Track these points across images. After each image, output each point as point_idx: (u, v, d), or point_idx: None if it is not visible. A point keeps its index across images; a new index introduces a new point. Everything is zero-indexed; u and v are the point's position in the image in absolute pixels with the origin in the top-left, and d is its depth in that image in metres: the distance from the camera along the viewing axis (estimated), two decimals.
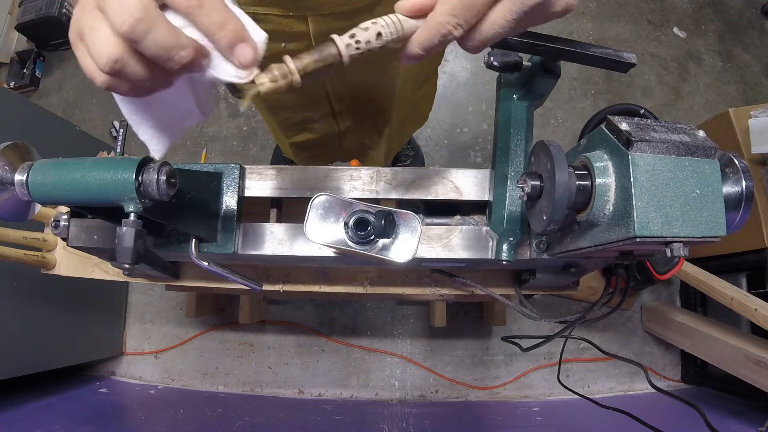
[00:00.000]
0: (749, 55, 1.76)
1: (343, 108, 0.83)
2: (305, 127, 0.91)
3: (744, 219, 0.38)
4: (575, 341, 1.45)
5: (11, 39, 1.92)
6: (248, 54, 0.32)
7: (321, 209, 0.44)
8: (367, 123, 0.91)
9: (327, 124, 0.89)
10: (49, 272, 0.71)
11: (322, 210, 0.44)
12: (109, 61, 0.29)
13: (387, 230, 0.42)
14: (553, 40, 0.43)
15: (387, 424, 1.23)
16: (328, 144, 0.97)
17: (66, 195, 0.36)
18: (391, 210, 0.43)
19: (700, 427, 0.64)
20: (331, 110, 0.83)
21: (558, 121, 1.67)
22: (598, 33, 1.76)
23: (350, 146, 0.99)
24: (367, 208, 0.43)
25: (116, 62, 0.30)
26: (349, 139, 0.95)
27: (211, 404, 1.40)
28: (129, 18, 0.28)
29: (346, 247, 0.43)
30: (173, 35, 0.29)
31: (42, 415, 1.19)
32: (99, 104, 1.82)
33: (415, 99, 0.94)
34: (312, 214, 0.44)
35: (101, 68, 0.30)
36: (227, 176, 0.51)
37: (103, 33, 0.29)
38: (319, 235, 0.44)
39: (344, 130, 0.91)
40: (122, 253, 0.36)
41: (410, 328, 1.52)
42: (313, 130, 0.91)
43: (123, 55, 0.29)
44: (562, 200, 0.36)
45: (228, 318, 1.55)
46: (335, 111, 0.83)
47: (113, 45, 0.29)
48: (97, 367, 1.57)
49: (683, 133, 0.36)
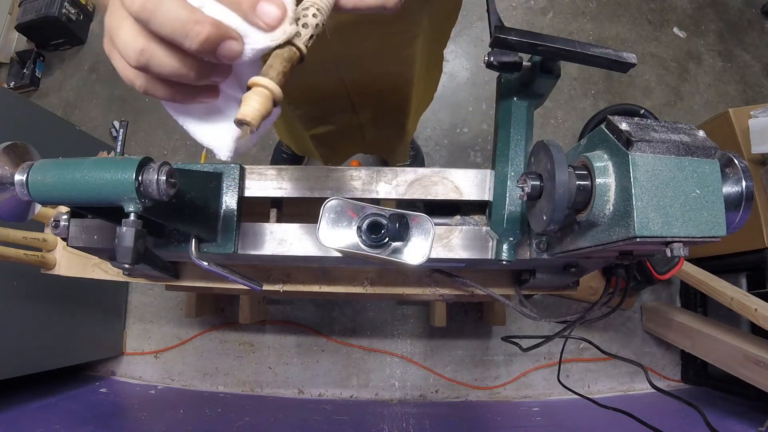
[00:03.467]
0: (749, 55, 1.76)
1: (362, 100, 0.82)
2: (325, 120, 0.90)
3: (744, 219, 0.38)
4: (575, 341, 1.45)
5: (11, 39, 1.92)
6: (272, 11, 0.29)
7: (333, 213, 0.44)
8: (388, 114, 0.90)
9: (346, 117, 0.88)
10: (49, 272, 0.71)
11: (334, 214, 0.44)
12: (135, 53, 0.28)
13: (401, 233, 0.42)
14: (553, 40, 0.43)
15: (387, 424, 1.23)
16: (349, 136, 0.96)
17: (66, 195, 0.36)
18: (404, 213, 0.43)
19: (700, 427, 0.64)
20: (350, 103, 0.82)
21: (558, 121, 1.67)
22: (598, 33, 1.76)
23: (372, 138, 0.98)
24: (380, 211, 0.43)
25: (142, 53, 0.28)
26: (370, 132, 0.95)
27: (211, 404, 1.40)
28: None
29: (359, 251, 0.43)
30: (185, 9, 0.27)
31: (42, 415, 1.19)
32: (99, 104, 1.82)
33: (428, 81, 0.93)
34: (324, 218, 0.44)
35: (131, 64, 0.29)
36: (227, 176, 0.51)
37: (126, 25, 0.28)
38: (332, 239, 0.44)
39: (364, 122, 0.91)
40: (122, 253, 0.36)
41: (410, 328, 1.52)
42: (333, 122, 0.91)
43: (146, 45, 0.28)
44: (562, 200, 0.36)
45: (228, 318, 1.55)
46: (354, 103, 0.83)
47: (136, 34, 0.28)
48: (97, 367, 1.57)
49: (683, 133, 0.36)
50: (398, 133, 0.98)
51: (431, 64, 0.88)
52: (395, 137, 1.00)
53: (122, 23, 0.28)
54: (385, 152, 1.07)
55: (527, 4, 1.80)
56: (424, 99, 1.03)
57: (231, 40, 0.29)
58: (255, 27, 0.30)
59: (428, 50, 0.79)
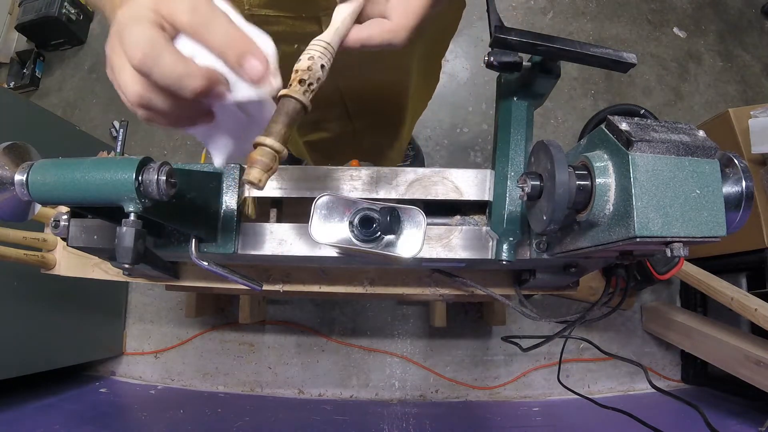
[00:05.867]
0: (749, 55, 1.76)
1: (357, 107, 0.82)
2: (319, 126, 0.90)
3: (744, 219, 0.38)
4: (575, 341, 1.45)
5: (11, 39, 1.92)
6: (256, 67, 0.32)
7: (325, 209, 0.44)
8: (383, 121, 0.90)
9: (341, 124, 0.88)
10: (49, 272, 0.71)
11: (325, 210, 0.44)
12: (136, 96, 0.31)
13: (392, 226, 0.42)
14: (553, 40, 0.43)
15: (387, 424, 1.23)
16: (343, 143, 0.96)
17: (66, 195, 0.36)
18: (395, 206, 0.43)
19: (700, 427, 0.64)
20: (345, 110, 0.82)
21: (558, 121, 1.67)
22: (598, 33, 1.76)
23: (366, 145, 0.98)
24: (371, 205, 0.44)
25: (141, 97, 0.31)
26: (365, 139, 0.95)
27: (211, 404, 1.40)
28: (137, 52, 0.30)
29: (352, 246, 0.43)
30: (181, 64, 0.30)
31: (42, 415, 1.19)
32: (99, 104, 1.82)
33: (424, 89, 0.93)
34: (316, 214, 0.44)
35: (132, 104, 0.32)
36: (227, 176, 0.51)
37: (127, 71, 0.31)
38: (324, 235, 0.44)
39: (359, 129, 0.90)
40: (122, 253, 0.36)
41: (410, 328, 1.52)
42: (327, 129, 0.91)
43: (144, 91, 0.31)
44: (562, 200, 0.36)
45: (228, 318, 1.55)
46: (349, 110, 0.83)
47: (135, 81, 0.31)
48: (97, 367, 1.57)
49: (683, 133, 0.36)
50: (392, 140, 0.98)
51: (428, 73, 0.88)
52: (389, 144, 1.00)
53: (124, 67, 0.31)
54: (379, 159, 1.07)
55: (527, 4, 1.80)
56: (420, 107, 1.03)
57: (221, 85, 0.32)
58: (241, 79, 0.32)
59: (426, 59, 0.79)
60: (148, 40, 0.30)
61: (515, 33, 0.43)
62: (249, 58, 0.31)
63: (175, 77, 0.30)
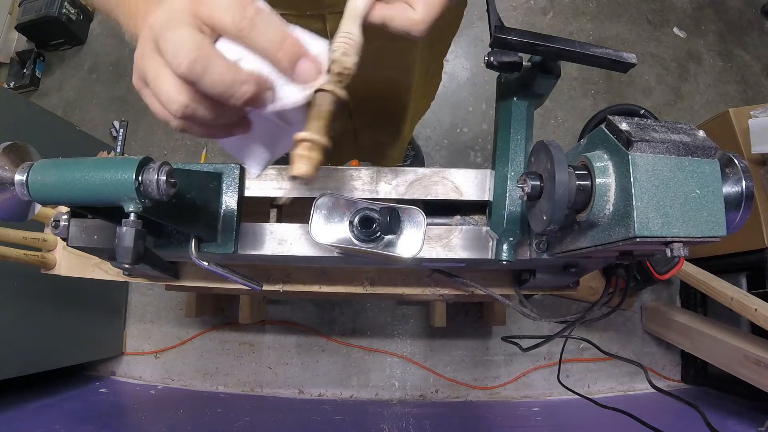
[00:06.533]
0: (749, 55, 1.76)
1: (359, 105, 0.82)
2: None
3: (744, 219, 0.38)
4: (575, 341, 1.45)
5: (11, 39, 1.92)
6: (309, 71, 0.30)
7: (325, 209, 0.44)
8: (384, 120, 0.90)
9: (341, 122, 0.88)
10: (49, 272, 0.71)
11: (325, 210, 0.44)
12: (180, 107, 0.29)
13: (393, 226, 0.42)
14: (553, 40, 0.43)
15: (387, 424, 1.23)
16: (342, 142, 0.96)
17: (66, 195, 0.36)
18: (395, 206, 0.43)
19: (700, 427, 0.64)
20: (346, 108, 0.82)
21: (558, 121, 1.67)
22: (598, 33, 1.76)
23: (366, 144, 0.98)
24: (371, 205, 0.43)
25: (187, 107, 0.29)
26: (365, 137, 0.94)
27: (211, 404, 1.40)
28: (185, 59, 0.27)
29: (352, 246, 0.43)
30: (231, 71, 0.28)
31: (42, 415, 1.19)
32: (99, 104, 1.82)
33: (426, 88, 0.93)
34: (316, 214, 0.44)
35: (174, 114, 0.30)
36: (227, 176, 0.51)
37: (169, 79, 0.29)
38: (324, 235, 0.44)
39: (360, 128, 0.90)
40: (122, 253, 0.36)
41: (410, 328, 1.52)
42: None
43: (192, 100, 0.29)
44: (562, 200, 0.36)
45: (228, 318, 1.55)
46: (351, 108, 0.82)
47: (180, 91, 0.29)
48: (97, 367, 1.57)
49: (683, 133, 0.36)
50: (393, 139, 0.97)
51: (431, 72, 0.88)
52: (390, 143, 0.99)
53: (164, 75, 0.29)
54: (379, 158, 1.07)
55: (527, 4, 1.80)
56: (422, 106, 1.02)
57: (269, 91, 0.31)
58: (291, 82, 0.31)
59: (428, 58, 0.79)
60: (196, 46, 0.28)
61: (515, 33, 0.43)
62: (303, 61, 0.30)
63: (227, 85, 0.28)
